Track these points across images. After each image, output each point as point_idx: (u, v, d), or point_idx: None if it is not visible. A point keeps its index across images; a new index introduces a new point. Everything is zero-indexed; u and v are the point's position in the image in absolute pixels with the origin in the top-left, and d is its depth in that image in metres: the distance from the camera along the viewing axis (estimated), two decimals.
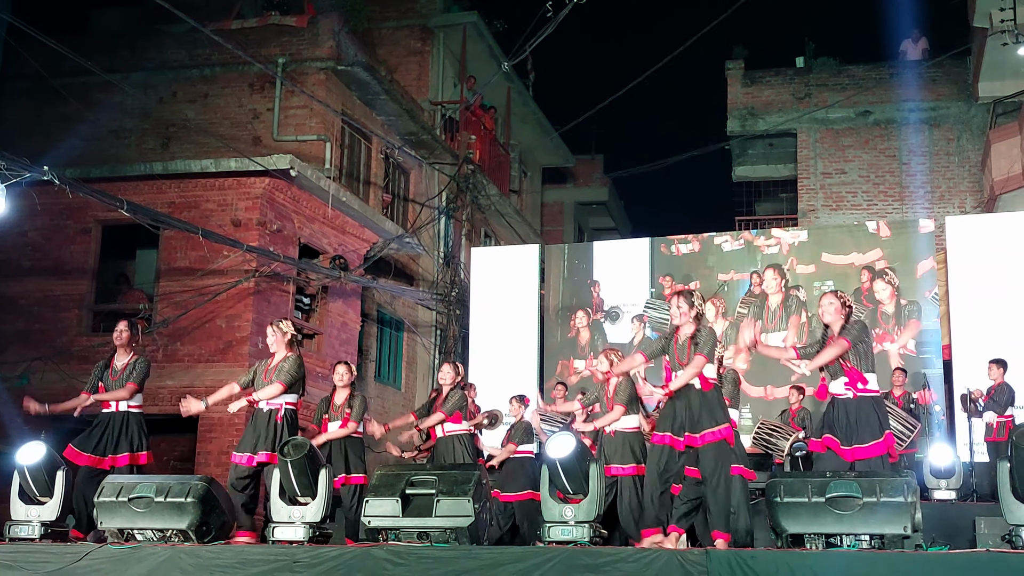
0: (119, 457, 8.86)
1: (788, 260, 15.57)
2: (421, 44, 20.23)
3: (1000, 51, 17.40)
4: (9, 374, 14.00)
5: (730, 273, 15.79)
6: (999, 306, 14.24)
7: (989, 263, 14.43)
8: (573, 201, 29.18)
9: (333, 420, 9.86)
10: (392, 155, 18.49)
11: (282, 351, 8.86)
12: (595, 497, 7.18)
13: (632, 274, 16.28)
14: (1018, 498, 6.61)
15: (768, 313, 15.44)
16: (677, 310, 7.60)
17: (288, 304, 14.82)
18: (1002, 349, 13.09)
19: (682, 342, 7.56)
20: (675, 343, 7.60)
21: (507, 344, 16.37)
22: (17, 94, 16.02)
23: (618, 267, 16.44)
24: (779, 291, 15.49)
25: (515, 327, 16.46)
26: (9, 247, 14.75)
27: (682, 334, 7.60)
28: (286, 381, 8.61)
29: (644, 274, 16.21)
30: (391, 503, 7.19)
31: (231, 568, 6.81)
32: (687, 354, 7.48)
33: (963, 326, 14.41)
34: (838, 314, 7.55)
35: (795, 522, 6.52)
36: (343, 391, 9.99)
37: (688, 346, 7.51)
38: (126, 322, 9.32)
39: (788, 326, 15.27)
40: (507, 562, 6.39)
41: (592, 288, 16.44)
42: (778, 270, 15.57)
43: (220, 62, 15.85)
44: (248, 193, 14.38)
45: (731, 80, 21.68)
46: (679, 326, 7.64)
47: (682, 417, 7.39)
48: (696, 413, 7.36)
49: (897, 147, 20.52)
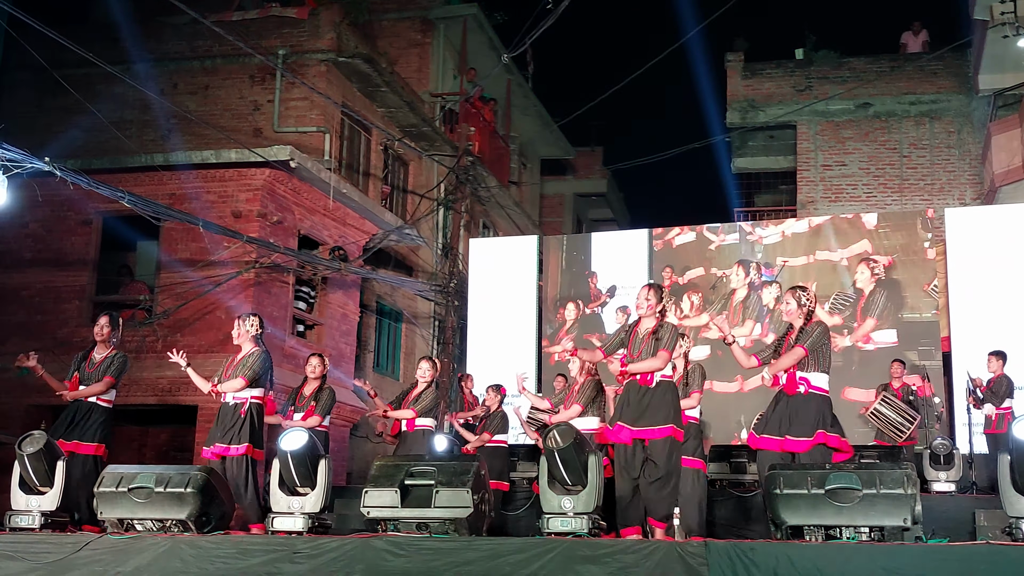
0: (83, 445, 8.93)
1: (780, 251, 15.57)
2: (421, 36, 20.22)
3: (1001, 43, 17.37)
4: (10, 365, 14.01)
5: (731, 266, 15.76)
6: (999, 298, 14.25)
7: (989, 255, 14.44)
8: (572, 193, 29.18)
9: (298, 411, 9.89)
10: (392, 147, 18.49)
11: (248, 346, 8.95)
12: (594, 488, 7.19)
13: (630, 265, 16.26)
14: (1018, 490, 6.62)
15: (732, 308, 15.50)
16: (645, 302, 7.76)
17: (288, 295, 14.83)
18: (1001, 341, 13.10)
19: (641, 335, 7.69)
20: (633, 335, 7.77)
21: (505, 335, 16.39)
22: (18, 85, 16.00)
23: (616, 258, 16.43)
24: (744, 287, 15.58)
25: (513, 318, 16.49)
26: (10, 238, 14.75)
27: (643, 327, 7.75)
28: (248, 376, 8.74)
29: (642, 265, 16.20)
30: (390, 494, 7.20)
31: (231, 558, 6.83)
32: (641, 347, 7.71)
33: (962, 318, 14.42)
34: (797, 314, 7.65)
35: (794, 514, 6.53)
36: (313, 383, 10.04)
37: (647, 339, 7.69)
38: (107, 317, 9.32)
39: (746, 322, 15.31)
40: (506, 553, 6.40)
41: (590, 279, 16.43)
42: (744, 265, 15.60)
43: (221, 54, 15.86)
44: (248, 184, 14.38)
45: (731, 72, 21.64)
46: (641, 318, 7.80)
47: (635, 410, 7.63)
48: (650, 407, 7.60)
49: (897, 139, 20.50)
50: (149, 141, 15.65)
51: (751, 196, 23.12)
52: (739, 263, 15.64)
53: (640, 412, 7.60)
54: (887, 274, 14.88)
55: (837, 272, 15.15)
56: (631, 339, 7.80)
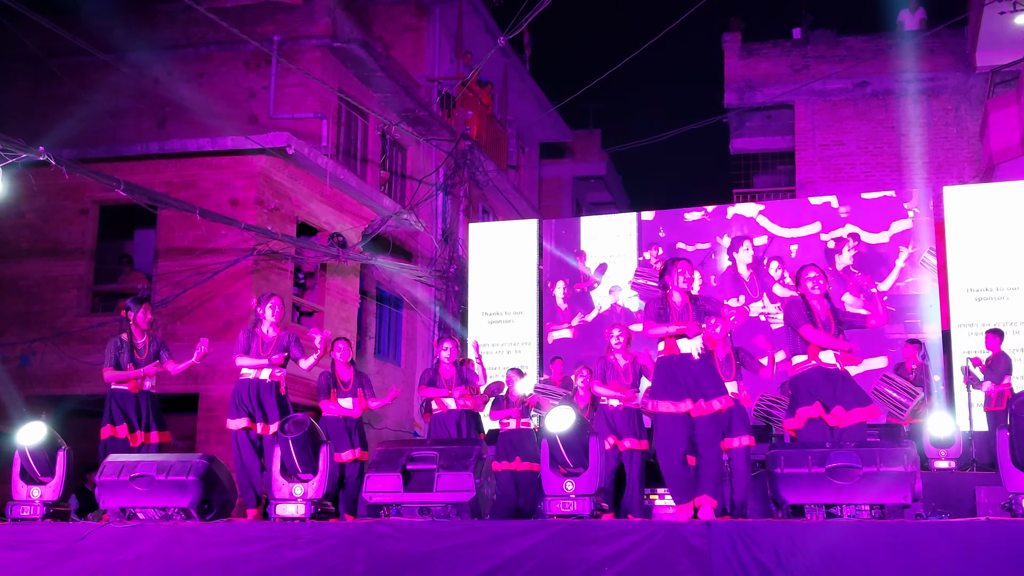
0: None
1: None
2: (417, 20, 20.13)
3: (998, 20, 17.31)
4: (9, 355, 14.03)
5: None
6: (997, 275, 14.25)
7: (987, 233, 14.43)
8: (571, 176, 29.12)
9: (343, 397, 10.11)
10: (389, 132, 18.45)
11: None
12: (595, 470, 7.20)
13: (619, 246, 16.25)
14: (1017, 466, 6.63)
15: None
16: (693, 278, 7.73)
17: (287, 282, 14.82)
18: (1000, 318, 13.08)
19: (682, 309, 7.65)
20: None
21: (506, 319, 16.40)
22: (12, 75, 15.97)
23: (606, 240, 16.39)
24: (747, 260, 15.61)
25: (514, 302, 16.49)
26: (7, 228, 14.74)
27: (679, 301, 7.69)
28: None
29: (631, 247, 16.17)
30: (392, 478, 7.21)
31: (233, 545, 6.84)
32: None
33: (961, 296, 14.42)
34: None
35: (795, 493, 6.55)
36: (347, 367, 10.17)
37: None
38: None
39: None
40: (508, 536, 6.42)
41: (577, 258, 16.35)
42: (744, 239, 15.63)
43: (215, 40, 15.79)
44: (245, 172, 14.36)
45: (728, 52, 21.58)
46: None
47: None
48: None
49: (895, 118, 20.44)
50: (145, 129, 15.62)
51: (749, 177, 23.09)
52: (741, 236, 15.63)
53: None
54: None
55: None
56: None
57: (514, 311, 16.43)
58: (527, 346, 16.18)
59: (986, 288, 14.24)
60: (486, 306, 16.60)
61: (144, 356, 9.10)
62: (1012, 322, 13.76)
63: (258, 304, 9.06)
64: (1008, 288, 14.15)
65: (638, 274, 15.77)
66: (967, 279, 14.38)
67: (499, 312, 16.48)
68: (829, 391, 7.33)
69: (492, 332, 16.28)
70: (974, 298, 14.28)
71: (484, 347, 15.85)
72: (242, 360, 8.84)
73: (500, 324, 16.43)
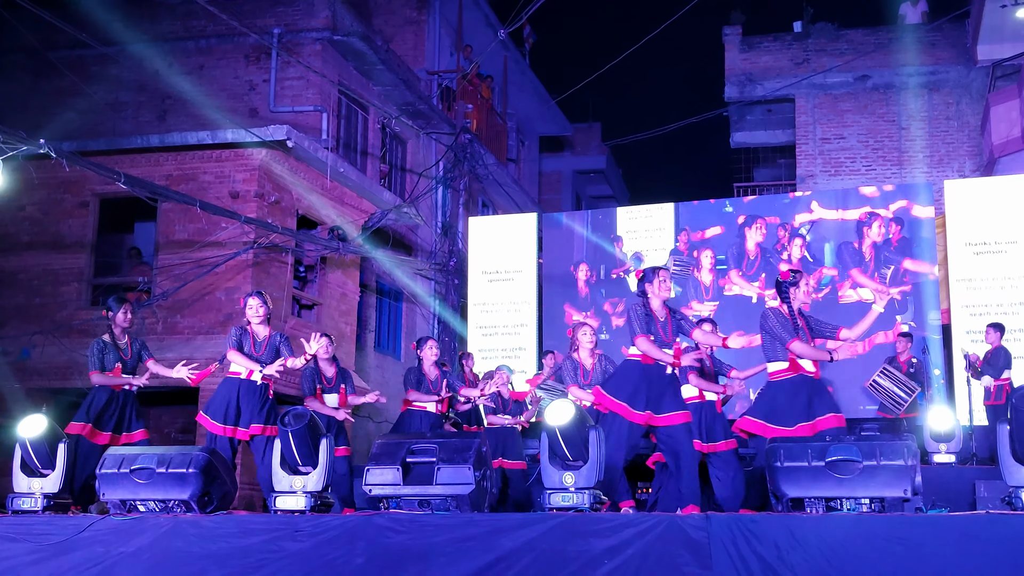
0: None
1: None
2: (417, 13, 20.13)
3: (999, 13, 17.31)
4: (10, 348, 14.03)
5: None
6: (998, 269, 14.25)
7: (988, 226, 14.43)
8: (571, 169, 29.12)
9: (328, 392, 10.24)
10: (389, 125, 18.43)
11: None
12: (595, 463, 7.19)
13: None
14: (1017, 460, 6.62)
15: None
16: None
17: (287, 275, 14.82)
18: (1000, 313, 13.08)
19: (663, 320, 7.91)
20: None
21: (505, 313, 16.41)
22: (12, 67, 15.95)
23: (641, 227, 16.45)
24: (710, 271, 15.66)
25: (514, 296, 16.50)
26: (7, 221, 14.74)
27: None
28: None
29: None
30: (392, 471, 7.21)
31: (233, 537, 6.84)
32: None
33: (961, 289, 14.42)
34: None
35: (795, 486, 6.55)
36: (329, 364, 10.43)
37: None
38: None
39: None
40: (508, 529, 6.41)
41: (616, 244, 16.37)
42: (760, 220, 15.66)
43: (215, 33, 15.78)
44: (245, 165, 14.34)
45: (728, 46, 21.55)
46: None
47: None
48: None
49: (896, 112, 20.43)
50: (145, 122, 15.61)
51: (750, 170, 23.08)
52: (759, 219, 15.68)
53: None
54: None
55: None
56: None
57: (514, 304, 16.43)
58: (527, 340, 16.21)
59: (987, 281, 14.26)
60: (486, 299, 16.61)
61: (128, 356, 9.19)
62: (1013, 315, 13.77)
63: (244, 304, 9.17)
64: (1009, 281, 14.17)
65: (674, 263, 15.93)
66: (968, 272, 14.40)
67: (498, 305, 16.49)
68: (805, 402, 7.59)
69: (491, 325, 16.32)
70: (975, 291, 14.30)
71: (482, 341, 15.96)
72: (234, 355, 8.90)
73: (499, 317, 16.45)
